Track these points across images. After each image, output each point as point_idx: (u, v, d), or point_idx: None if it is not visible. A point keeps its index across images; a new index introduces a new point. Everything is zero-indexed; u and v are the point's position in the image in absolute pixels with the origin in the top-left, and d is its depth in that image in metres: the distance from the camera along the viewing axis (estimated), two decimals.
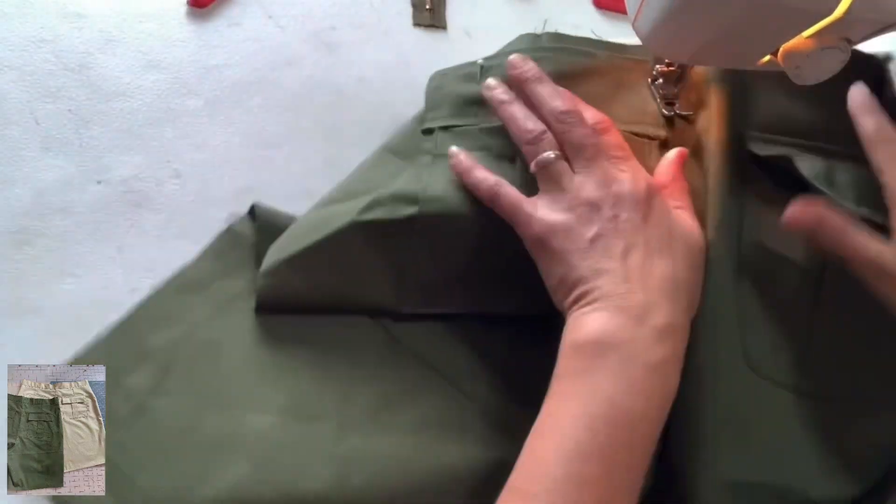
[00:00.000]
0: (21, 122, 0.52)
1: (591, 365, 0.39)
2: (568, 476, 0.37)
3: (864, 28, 0.39)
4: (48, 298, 0.48)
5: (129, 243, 0.51)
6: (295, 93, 0.58)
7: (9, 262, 0.49)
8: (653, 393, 0.39)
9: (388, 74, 0.60)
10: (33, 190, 0.51)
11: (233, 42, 0.58)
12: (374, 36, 0.61)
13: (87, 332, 0.47)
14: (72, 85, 0.54)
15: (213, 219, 0.52)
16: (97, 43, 0.56)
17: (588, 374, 0.39)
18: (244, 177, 0.54)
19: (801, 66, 0.40)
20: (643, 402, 0.39)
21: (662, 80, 0.51)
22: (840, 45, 0.39)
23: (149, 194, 0.52)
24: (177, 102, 0.55)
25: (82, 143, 0.53)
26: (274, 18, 0.60)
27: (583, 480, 0.37)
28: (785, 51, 0.41)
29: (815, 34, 0.39)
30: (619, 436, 0.38)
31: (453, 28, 0.63)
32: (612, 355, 0.39)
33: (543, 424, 0.40)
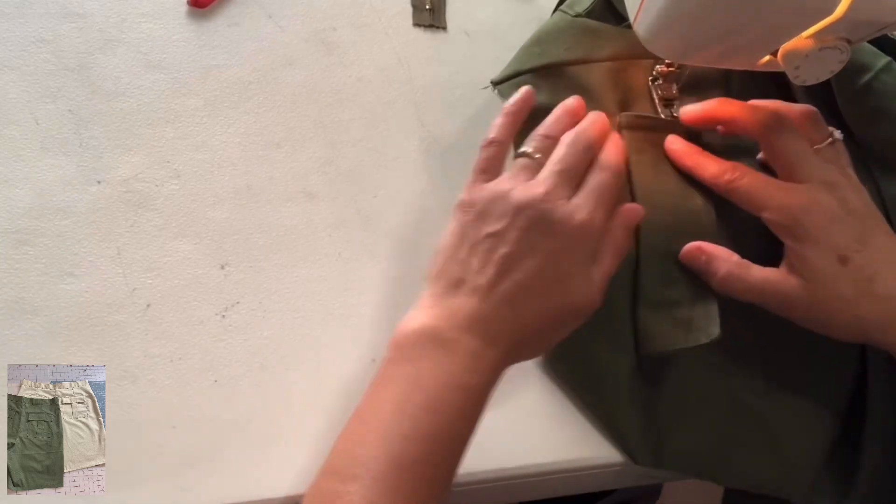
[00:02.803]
0: (21, 122, 0.52)
1: (413, 354, 0.41)
2: (390, 458, 0.37)
3: (864, 28, 0.39)
4: (48, 298, 0.48)
5: (129, 243, 0.51)
6: (295, 93, 0.58)
7: (9, 262, 0.49)
8: (469, 391, 0.40)
9: (388, 74, 0.60)
10: (33, 190, 0.51)
11: (233, 42, 0.58)
12: (374, 36, 0.61)
13: (87, 332, 0.47)
14: (72, 85, 0.54)
15: (213, 219, 0.52)
16: (97, 43, 0.56)
17: (409, 364, 0.41)
18: (244, 177, 0.54)
19: (800, 67, 0.40)
20: (461, 395, 0.40)
21: (662, 80, 0.51)
22: (839, 45, 0.39)
23: (149, 194, 0.52)
24: (177, 102, 0.55)
25: (82, 143, 0.53)
26: (274, 18, 0.60)
27: (405, 463, 0.37)
28: (784, 51, 0.41)
29: (814, 34, 0.39)
30: (438, 423, 0.39)
31: (453, 28, 0.63)
32: (433, 349, 0.40)
33: (364, 409, 0.40)
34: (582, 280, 0.43)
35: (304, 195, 0.54)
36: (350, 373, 0.50)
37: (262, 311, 0.51)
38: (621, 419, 0.47)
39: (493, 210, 0.43)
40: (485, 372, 0.41)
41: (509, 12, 0.65)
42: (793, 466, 0.49)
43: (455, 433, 0.40)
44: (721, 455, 0.49)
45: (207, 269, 0.51)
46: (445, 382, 0.40)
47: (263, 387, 0.49)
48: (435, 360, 0.40)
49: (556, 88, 0.51)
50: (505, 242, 0.42)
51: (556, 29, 0.54)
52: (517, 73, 0.52)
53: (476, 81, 0.60)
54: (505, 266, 0.41)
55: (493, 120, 0.49)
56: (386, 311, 0.52)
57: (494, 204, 0.43)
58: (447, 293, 0.42)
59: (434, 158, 0.58)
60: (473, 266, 0.42)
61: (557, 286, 0.42)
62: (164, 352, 0.48)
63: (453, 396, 0.40)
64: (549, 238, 0.42)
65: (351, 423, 0.40)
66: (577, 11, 0.54)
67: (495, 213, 0.43)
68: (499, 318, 0.41)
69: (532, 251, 0.42)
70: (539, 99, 0.50)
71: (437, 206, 0.56)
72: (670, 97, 0.51)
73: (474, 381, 0.40)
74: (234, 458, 0.47)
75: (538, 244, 0.42)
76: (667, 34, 0.44)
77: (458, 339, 0.40)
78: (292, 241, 0.53)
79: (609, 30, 0.53)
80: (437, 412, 0.39)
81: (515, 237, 0.42)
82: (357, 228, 0.54)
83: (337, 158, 0.56)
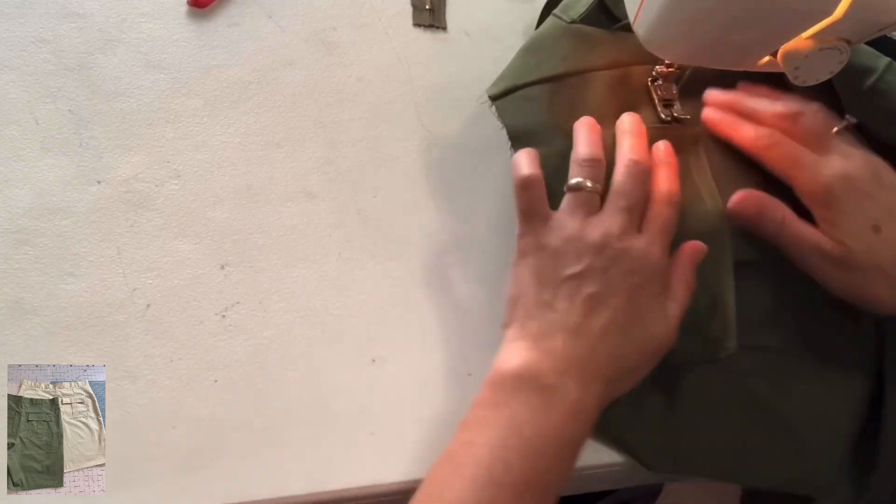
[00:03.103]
0: (21, 122, 0.52)
1: (511, 399, 0.40)
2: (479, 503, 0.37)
3: (864, 29, 0.39)
4: (48, 298, 0.48)
5: (129, 243, 0.51)
6: (295, 93, 0.58)
7: (9, 262, 0.49)
8: (565, 439, 0.40)
9: (388, 74, 0.60)
10: (33, 190, 0.51)
11: (233, 42, 0.58)
12: (374, 36, 0.61)
13: (87, 332, 0.47)
14: (72, 85, 0.54)
15: (213, 219, 0.52)
16: (97, 43, 0.56)
17: (507, 408, 0.40)
18: (244, 177, 0.54)
19: (800, 67, 0.40)
20: (557, 445, 0.39)
21: (662, 80, 0.51)
22: (839, 46, 0.39)
23: (149, 194, 0.52)
24: (177, 102, 0.55)
25: (82, 143, 0.53)
26: (274, 18, 0.60)
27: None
28: (784, 51, 0.41)
29: (814, 35, 0.39)
30: (531, 472, 0.38)
31: (453, 28, 0.63)
32: (532, 394, 0.40)
33: (457, 453, 0.40)
34: (660, 314, 0.43)
35: (304, 195, 0.54)
36: (350, 373, 0.50)
37: (262, 311, 0.51)
38: (635, 428, 0.47)
39: (568, 251, 0.43)
40: (582, 422, 0.41)
41: (509, 12, 0.65)
42: (813, 464, 0.49)
43: (547, 483, 0.39)
44: (740, 455, 0.48)
45: (207, 269, 0.51)
46: (542, 432, 0.39)
47: (263, 387, 0.49)
48: (533, 408, 0.40)
49: (555, 102, 0.50)
50: (588, 283, 0.42)
51: (551, 37, 0.53)
52: (514, 87, 0.51)
53: (476, 81, 0.60)
54: (592, 306, 0.42)
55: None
56: (386, 311, 0.52)
57: (569, 245, 0.43)
58: (540, 335, 0.42)
59: (434, 158, 0.58)
60: (561, 308, 0.42)
61: (641, 322, 0.43)
62: (164, 352, 0.48)
63: (549, 447, 0.39)
64: (629, 275, 0.42)
65: (441, 465, 0.40)
66: (572, 17, 0.53)
67: (571, 254, 0.43)
68: (594, 358, 0.41)
69: (615, 289, 0.42)
70: (538, 115, 0.49)
71: (436, 206, 0.56)
72: (670, 98, 0.51)
73: (571, 432, 0.40)
74: (234, 458, 0.47)
75: (620, 282, 0.42)
76: (667, 34, 0.44)
77: (556, 384, 0.40)
78: (292, 241, 0.53)
79: (605, 37, 0.52)
80: (531, 461, 0.39)
81: (598, 277, 0.42)
82: (357, 228, 0.54)
83: (337, 158, 0.56)
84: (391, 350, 0.51)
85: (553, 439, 0.39)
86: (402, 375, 0.51)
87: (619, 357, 0.42)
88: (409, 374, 0.51)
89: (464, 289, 0.54)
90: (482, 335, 0.53)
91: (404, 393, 0.50)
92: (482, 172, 0.58)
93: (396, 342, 0.52)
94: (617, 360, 0.42)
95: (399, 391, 0.50)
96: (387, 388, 0.50)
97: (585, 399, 0.41)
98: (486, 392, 0.42)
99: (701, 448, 0.48)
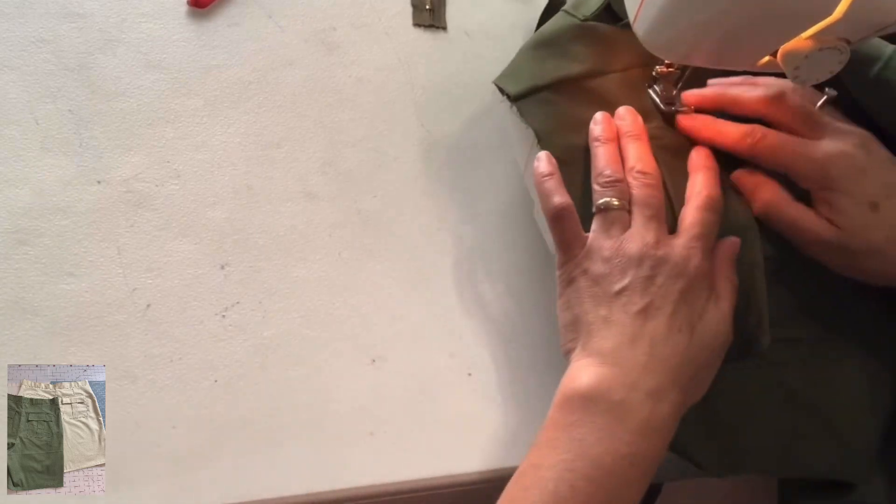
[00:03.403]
0: (21, 122, 0.52)
1: (580, 420, 0.40)
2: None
3: (863, 29, 0.39)
4: (48, 298, 0.48)
5: (129, 243, 0.51)
6: (295, 93, 0.58)
7: (9, 262, 0.49)
8: (637, 457, 0.39)
9: (388, 74, 0.60)
10: (33, 190, 0.51)
11: (233, 42, 0.58)
12: (374, 36, 0.61)
13: (87, 332, 0.47)
14: (72, 85, 0.54)
15: (213, 219, 0.52)
16: (97, 43, 0.56)
17: (575, 429, 0.40)
18: (244, 177, 0.54)
19: (799, 67, 0.40)
20: (626, 465, 0.39)
21: (662, 81, 0.51)
22: (839, 46, 0.39)
23: (149, 194, 0.52)
24: (177, 102, 0.55)
25: (82, 143, 0.53)
26: (274, 18, 0.60)
27: None
28: (784, 51, 0.41)
29: (814, 35, 0.39)
30: (599, 495, 0.38)
31: (453, 28, 0.63)
32: (601, 414, 0.40)
33: (525, 474, 0.40)
34: (714, 315, 0.44)
35: (304, 195, 0.54)
36: (350, 373, 0.50)
37: (262, 311, 0.51)
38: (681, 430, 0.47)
39: (612, 269, 0.43)
40: (656, 437, 0.40)
41: (509, 13, 0.65)
42: (851, 450, 0.49)
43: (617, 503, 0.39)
44: (783, 448, 0.49)
45: (207, 269, 0.51)
46: (611, 451, 0.39)
47: (263, 387, 0.49)
48: (601, 428, 0.39)
49: (574, 103, 0.50)
50: (638, 293, 0.42)
51: (567, 36, 0.52)
52: (535, 88, 0.51)
53: (476, 81, 0.60)
54: (648, 313, 0.42)
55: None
56: (386, 311, 0.52)
57: (611, 263, 0.43)
58: (605, 350, 0.42)
59: (434, 158, 0.58)
60: (619, 320, 0.42)
61: (699, 321, 0.43)
62: (164, 352, 0.48)
63: (619, 466, 0.39)
64: (674, 280, 0.43)
65: (512, 487, 0.40)
66: (585, 15, 0.53)
67: (616, 270, 0.43)
68: (663, 363, 0.41)
69: (666, 295, 0.42)
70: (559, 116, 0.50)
71: (436, 206, 0.56)
72: (670, 99, 0.51)
73: (643, 449, 0.40)
74: (234, 458, 0.47)
75: (669, 287, 0.43)
76: (666, 34, 0.44)
77: (626, 398, 0.40)
78: (292, 241, 0.53)
79: (619, 35, 0.52)
80: (599, 483, 0.38)
81: (646, 286, 0.42)
82: (357, 228, 0.54)
83: (337, 158, 0.56)
84: (391, 350, 0.51)
85: (622, 459, 0.39)
86: (402, 375, 0.51)
87: (689, 358, 0.42)
88: (409, 374, 0.51)
89: (464, 289, 0.54)
90: (482, 335, 0.53)
91: (404, 393, 0.50)
92: (482, 172, 0.58)
93: (396, 342, 0.52)
94: (686, 360, 0.42)
95: (399, 391, 0.50)
96: (387, 388, 0.50)
97: (660, 410, 0.40)
98: (555, 413, 0.41)
99: (744, 443, 0.49)
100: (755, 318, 0.46)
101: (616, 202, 0.45)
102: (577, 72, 0.51)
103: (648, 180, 0.46)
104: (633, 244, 0.43)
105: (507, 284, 0.55)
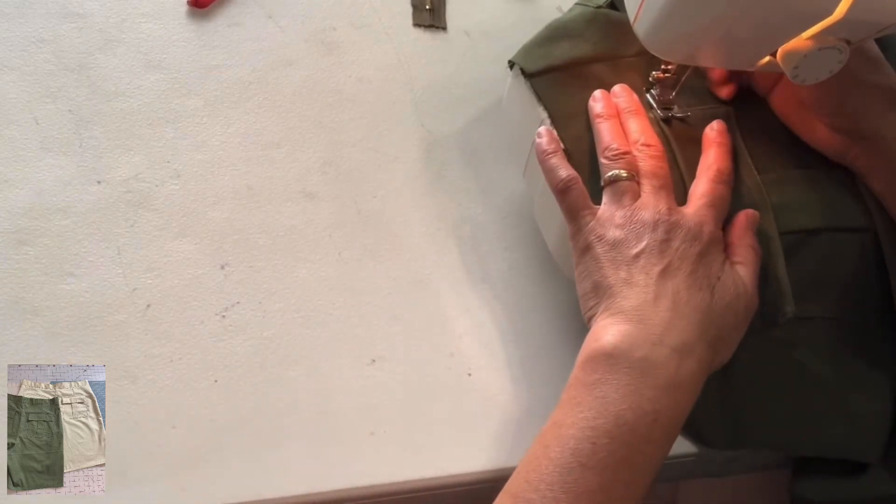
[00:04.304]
0: (21, 122, 0.52)
1: (603, 378, 0.40)
2: (565, 485, 0.37)
3: (864, 29, 0.39)
4: (48, 298, 0.48)
5: (129, 243, 0.51)
6: (295, 93, 0.58)
7: (9, 262, 0.49)
8: (660, 415, 0.39)
9: (388, 74, 0.60)
10: (33, 190, 0.51)
11: (233, 42, 0.58)
12: (374, 36, 0.61)
13: (87, 332, 0.47)
14: (72, 85, 0.54)
15: (213, 219, 0.52)
16: (97, 43, 0.56)
17: (598, 387, 0.39)
18: (244, 177, 0.54)
19: (799, 67, 0.40)
20: (649, 422, 0.39)
21: (658, 86, 0.51)
22: (839, 46, 0.39)
23: (149, 194, 0.52)
24: (177, 102, 0.55)
25: (82, 143, 0.53)
26: (274, 18, 0.60)
27: (579, 491, 0.37)
28: (784, 51, 0.41)
29: (814, 35, 0.39)
30: (620, 452, 0.38)
31: (453, 28, 0.63)
32: (624, 370, 0.39)
33: (548, 433, 0.40)
34: (733, 278, 0.44)
35: (304, 195, 0.55)
36: (349, 373, 0.50)
37: (262, 311, 0.51)
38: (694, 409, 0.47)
39: (628, 235, 0.43)
40: (680, 394, 0.40)
41: (509, 13, 0.65)
42: (864, 429, 0.50)
43: (640, 461, 0.39)
44: (795, 424, 0.49)
45: (207, 269, 0.51)
46: (634, 407, 0.38)
47: (263, 387, 0.49)
48: (626, 383, 0.39)
49: (587, 85, 0.51)
50: (655, 255, 0.43)
51: (583, 21, 0.54)
52: (551, 67, 0.51)
53: (476, 81, 0.60)
54: (668, 273, 0.42)
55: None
56: (386, 311, 0.52)
57: (625, 229, 0.44)
58: (628, 309, 0.41)
59: (434, 158, 0.58)
60: (640, 281, 0.42)
61: (720, 281, 0.43)
62: (164, 352, 0.48)
63: (642, 423, 0.38)
64: (690, 244, 0.43)
65: (534, 446, 0.40)
66: (598, 3, 0.54)
67: (631, 235, 0.43)
68: (688, 318, 0.41)
69: (683, 257, 0.43)
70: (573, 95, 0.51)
71: (436, 206, 0.56)
72: (667, 103, 0.51)
73: (666, 407, 0.39)
74: (234, 458, 0.47)
75: (686, 251, 0.43)
76: (666, 34, 0.44)
77: (650, 355, 0.39)
78: (292, 241, 0.53)
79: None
80: (621, 439, 0.38)
81: (663, 249, 0.43)
82: (357, 228, 0.54)
83: (337, 158, 0.56)
84: (391, 350, 0.51)
85: (645, 416, 0.38)
86: (402, 375, 0.51)
87: (714, 315, 0.42)
88: (409, 374, 0.51)
89: (464, 289, 0.54)
90: (482, 335, 0.53)
91: (404, 393, 0.50)
92: (482, 172, 0.58)
93: (396, 342, 0.52)
94: (711, 318, 0.42)
95: (399, 391, 0.50)
96: (387, 388, 0.50)
97: (686, 366, 0.40)
98: (578, 372, 0.41)
99: (757, 420, 0.49)
100: (776, 286, 0.47)
101: (625, 173, 0.45)
102: (590, 53, 0.52)
103: (653, 152, 0.46)
104: (646, 211, 0.44)
105: (507, 284, 0.55)
